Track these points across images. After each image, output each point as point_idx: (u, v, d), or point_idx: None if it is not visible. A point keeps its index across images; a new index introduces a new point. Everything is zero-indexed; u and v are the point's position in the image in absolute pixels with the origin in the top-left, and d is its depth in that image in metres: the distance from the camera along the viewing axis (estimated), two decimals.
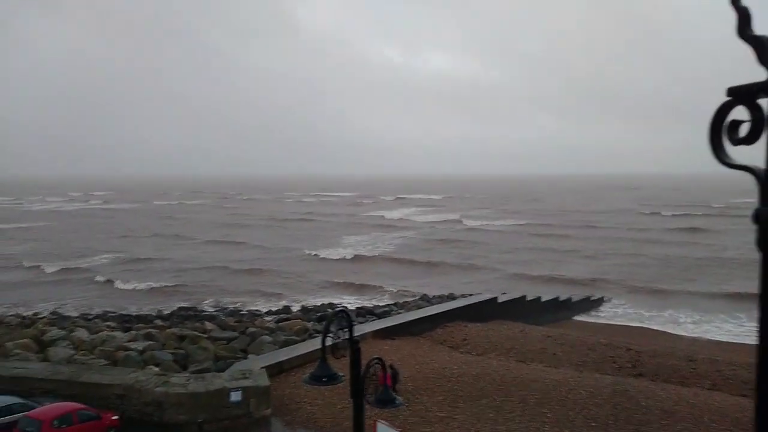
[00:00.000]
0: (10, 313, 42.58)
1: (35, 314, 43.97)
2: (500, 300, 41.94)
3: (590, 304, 50.89)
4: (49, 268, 67.51)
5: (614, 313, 50.04)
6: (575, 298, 49.94)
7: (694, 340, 40.45)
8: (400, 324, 33.18)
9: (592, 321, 46.88)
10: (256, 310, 46.02)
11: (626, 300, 53.95)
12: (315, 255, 79.36)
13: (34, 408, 18.65)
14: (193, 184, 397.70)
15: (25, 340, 28.14)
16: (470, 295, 44.56)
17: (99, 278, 62.06)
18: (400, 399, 10.60)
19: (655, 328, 44.81)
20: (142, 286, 58.50)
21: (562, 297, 48.69)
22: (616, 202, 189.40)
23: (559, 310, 46.86)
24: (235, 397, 20.21)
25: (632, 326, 45.25)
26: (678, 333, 43.11)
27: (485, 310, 39.29)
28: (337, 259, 76.44)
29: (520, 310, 42.42)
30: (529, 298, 44.90)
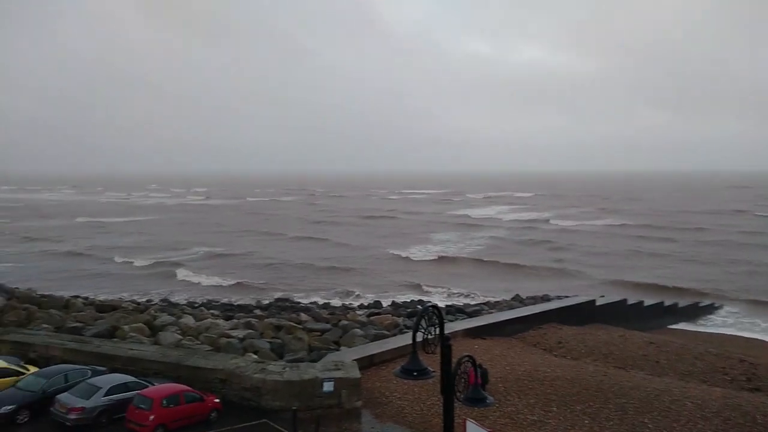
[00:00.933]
0: (127, 299, 46.32)
1: (148, 300, 47.60)
2: (598, 303, 40.16)
3: (698, 311, 47.57)
4: (143, 261, 72.33)
5: (724, 321, 46.48)
6: (682, 304, 46.89)
7: None
8: (492, 324, 32.64)
9: (700, 330, 43.79)
10: (349, 304, 47.06)
11: (739, 308, 49.96)
12: (398, 255, 79.24)
13: (146, 387, 20.16)
14: (284, 181, 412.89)
15: (139, 324, 30.51)
16: (566, 296, 43.05)
17: (186, 272, 65.48)
18: (491, 398, 10.41)
19: None
20: (226, 282, 60.60)
21: (668, 302, 45.88)
22: (727, 202, 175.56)
23: (663, 315, 44.22)
24: (328, 387, 20.76)
25: (746, 337, 41.83)
26: None
27: (582, 313, 37.81)
28: (419, 260, 75.84)
29: (620, 314, 40.45)
30: (630, 301, 42.72)
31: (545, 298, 43.57)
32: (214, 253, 79.37)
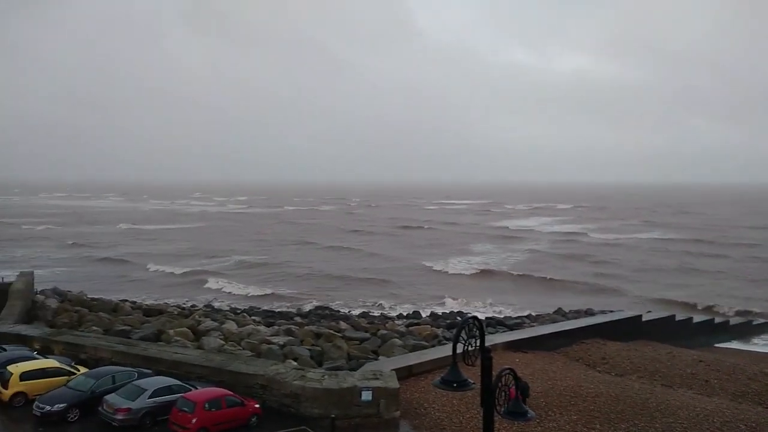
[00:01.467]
0: (172, 304, 47.53)
1: (192, 306, 48.73)
2: (645, 318, 38.98)
3: (751, 329, 45.65)
4: (177, 269, 74.04)
5: None
6: (733, 322, 45.08)
7: None
8: (533, 337, 32.04)
9: (752, 349, 41.98)
10: (387, 314, 47.02)
11: None
12: (436, 267, 78.16)
13: (189, 390, 20.59)
14: (324, 190, 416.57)
15: (183, 328, 31.25)
16: (611, 311, 41.97)
17: (219, 281, 66.28)
18: (532, 413, 10.22)
19: None
20: (261, 291, 61.10)
21: (718, 319, 44.18)
22: None
23: (713, 333, 42.60)
24: (366, 396, 20.75)
25: None
26: None
27: (627, 329, 36.73)
28: (457, 273, 74.84)
29: (668, 330, 39.11)
30: (679, 317, 41.32)
31: (589, 313, 42.58)
32: (251, 262, 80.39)
